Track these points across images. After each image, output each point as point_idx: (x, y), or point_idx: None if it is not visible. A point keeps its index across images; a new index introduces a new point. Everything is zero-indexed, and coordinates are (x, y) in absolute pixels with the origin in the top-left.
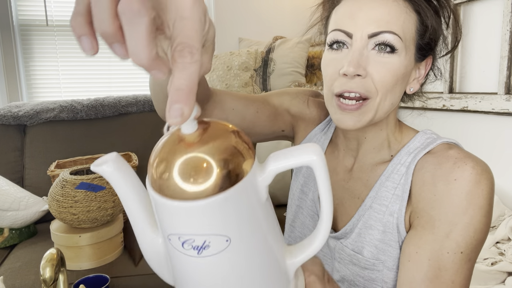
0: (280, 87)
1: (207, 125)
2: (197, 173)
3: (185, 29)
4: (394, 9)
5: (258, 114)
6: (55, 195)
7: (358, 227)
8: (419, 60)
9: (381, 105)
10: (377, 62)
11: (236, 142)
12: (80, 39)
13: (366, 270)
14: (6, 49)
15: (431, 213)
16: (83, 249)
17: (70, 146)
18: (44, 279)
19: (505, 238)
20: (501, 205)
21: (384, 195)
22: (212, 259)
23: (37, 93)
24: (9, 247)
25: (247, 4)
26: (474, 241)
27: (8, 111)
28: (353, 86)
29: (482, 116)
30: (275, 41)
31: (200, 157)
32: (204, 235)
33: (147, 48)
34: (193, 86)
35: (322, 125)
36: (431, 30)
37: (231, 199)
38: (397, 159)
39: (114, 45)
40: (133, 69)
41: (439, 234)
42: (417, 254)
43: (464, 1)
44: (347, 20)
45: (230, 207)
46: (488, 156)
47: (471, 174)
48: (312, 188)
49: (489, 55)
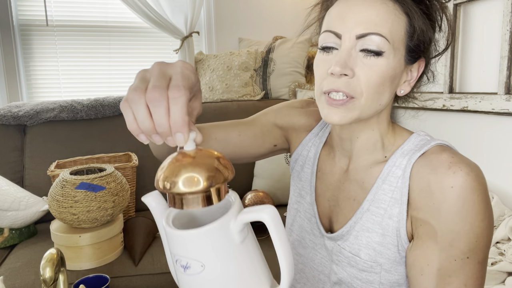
0: (280, 87)
1: (199, 152)
2: (190, 184)
3: (176, 78)
4: (382, 11)
5: (241, 137)
6: (55, 195)
7: (355, 229)
8: (410, 62)
9: (367, 105)
10: (364, 64)
11: (217, 164)
12: (138, 137)
13: (364, 272)
14: (6, 49)
15: (432, 222)
16: (83, 249)
17: (70, 146)
18: (44, 279)
19: (505, 238)
20: (501, 205)
21: (382, 198)
22: (193, 277)
23: (37, 93)
24: (9, 247)
25: (247, 4)
26: (478, 245)
27: (8, 111)
28: (339, 85)
29: (482, 116)
30: (275, 41)
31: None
32: (186, 257)
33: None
34: (185, 117)
35: (316, 129)
36: (419, 31)
37: (207, 234)
38: (392, 161)
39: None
40: (133, 69)
41: (443, 243)
42: (429, 267)
43: (464, 1)
44: (337, 22)
45: (206, 240)
46: (488, 156)
47: (466, 181)
48: (309, 192)
49: (489, 55)
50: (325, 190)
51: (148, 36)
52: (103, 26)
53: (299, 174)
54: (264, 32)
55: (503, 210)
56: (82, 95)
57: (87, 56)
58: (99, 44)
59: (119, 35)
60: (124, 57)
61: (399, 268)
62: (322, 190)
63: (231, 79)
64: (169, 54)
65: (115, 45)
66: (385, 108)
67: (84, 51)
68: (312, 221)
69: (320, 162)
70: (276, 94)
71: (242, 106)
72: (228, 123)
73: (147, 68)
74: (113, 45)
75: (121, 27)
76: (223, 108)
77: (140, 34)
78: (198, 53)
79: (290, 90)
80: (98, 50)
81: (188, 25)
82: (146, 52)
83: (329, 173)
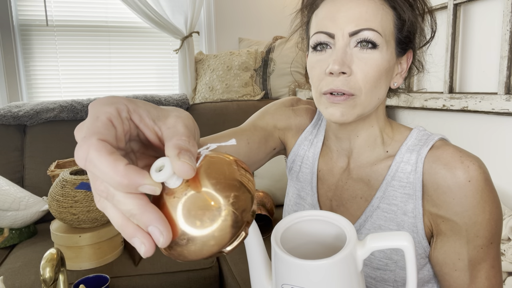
0: (280, 87)
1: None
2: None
3: (179, 130)
4: (371, 8)
5: (249, 145)
6: (55, 195)
7: (366, 227)
8: (400, 55)
9: (367, 101)
10: (360, 60)
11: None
12: (132, 241)
13: (379, 270)
14: (6, 49)
15: (455, 218)
16: (83, 249)
17: (70, 146)
18: (44, 279)
19: (505, 238)
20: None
21: (392, 195)
22: None
23: (37, 93)
24: (9, 247)
25: (247, 4)
26: (497, 230)
27: (8, 111)
28: (338, 84)
29: (482, 116)
30: (275, 41)
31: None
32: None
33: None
34: (131, 174)
35: (310, 127)
36: (408, 23)
37: (336, 264)
38: (399, 157)
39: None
40: (133, 69)
41: (469, 236)
42: (460, 261)
43: (464, 1)
44: (328, 22)
45: (334, 270)
46: (488, 156)
47: (480, 174)
48: (310, 193)
49: (489, 55)
50: (326, 190)
51: (148, 36)
52: (103, 26)
53: (298, 175)
54: (264, 32)
55: (503, 210)
56: (82, 95)
57: (87, 56)
58: (99, 44)
59: (119, 35)
60: (124, 57)
61: None
62: (323, 191)
63: (231, 79)
64: (169, 54)
65: (115, 45)
66: (381, 103)
67: (84, 51)
68: None
69: (319, 163)
70: (276, 94)
71: (242, 106)
72: (232, 131)
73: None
74: (113, 45)
75: (121, 27)
76: (223, 108)
77: (140, 34)
78: (198, 53)
79: (290, 90)
80: (98, 50)
81: (188, 25)
82: (146, 52)
83: (329, 173)
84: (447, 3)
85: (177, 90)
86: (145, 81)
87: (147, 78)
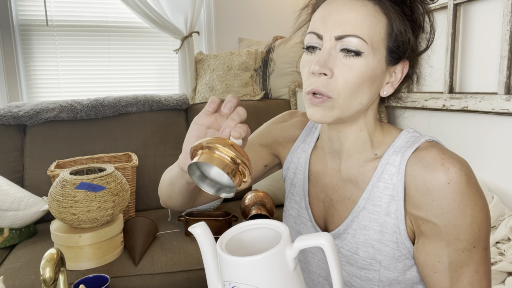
0: (280, 87)
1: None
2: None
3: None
4: (362, 13)
5: (265, 167)
6: (55, 195)
7: (352, 227)
8: (392, 63)
9: (346, 105)
10: (343, 65)
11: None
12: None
13: (363, 270)
14: (6, 49)
15: (434, 220)
16: (83, 249)
17: (70, 146)
18: (44, 279)
19: (505, 238)
20: (501, 205)
21: (378, 196)
22: None
23: (37, 93)
24: (9, 247)
25: (247, 4)
26: (481, 234)
27: (8, 111)
28: (318, 85)
29: (482, 116)
30: (275, 41)
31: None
32: (240, 283)
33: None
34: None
35: (302, 135)
36: (397, 32)
37: (265, 260)
38: (385, 159)
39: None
40: (133, 69)
41: (449, 238)
42: (440, 263)
43: (464, 1)
44: (319, 23)
45: (264, 267)
46: (488, 156)
47: (460, 176)
48: (303, 196)
49: (489, 55)
50: (318, 192)
51: (148, 36)
52: (103, 26)
53: (292, 181)
54: (264, 32)
55: (503, 210)
56: (82, 95)
57: (87, 56)
58: (99, 44)
59: (119, 35)
60: (124, 57)
61: (398, 265)
62: (315, 193)
63: (231, 79)
64: (169, 54)
65: (115, 45)
66: (370, 108)
67: (84, 51)
68: (308, 225)
69: (312, 165)
70: (276, 94)
71: (242, 106)
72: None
73: None
74: (113, 45)
75: (121, 27)
76: None
77: (140, 34)
78: (198, 53)
79: (290, 90)
80: (98, 50)
81: (188, 25)
82: (146, 52)
83: (322, 175)
84: (447, 3)
85: (177, 90)
86: (145, 81)
87: (147, 78)
